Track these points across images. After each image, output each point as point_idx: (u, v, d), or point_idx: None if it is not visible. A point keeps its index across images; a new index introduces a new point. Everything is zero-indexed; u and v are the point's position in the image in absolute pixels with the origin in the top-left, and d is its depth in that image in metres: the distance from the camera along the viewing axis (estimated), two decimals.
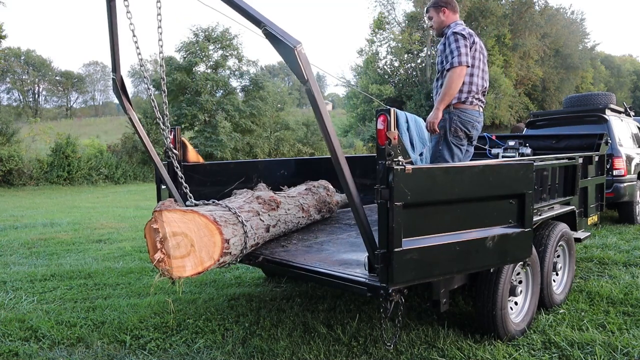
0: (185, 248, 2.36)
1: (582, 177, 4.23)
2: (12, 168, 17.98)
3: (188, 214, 2.37)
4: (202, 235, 2.36)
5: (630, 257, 5.10)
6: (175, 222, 2.36)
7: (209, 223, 2.37)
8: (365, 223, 2.20)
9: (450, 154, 3.60)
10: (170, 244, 2.35)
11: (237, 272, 4.82)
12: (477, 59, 3.61)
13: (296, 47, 1.98)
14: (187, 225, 2.36)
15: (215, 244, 2.37)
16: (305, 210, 3.60)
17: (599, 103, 7.94)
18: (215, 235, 2.37)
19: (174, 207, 2.41)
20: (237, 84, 27.00)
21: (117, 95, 3.05)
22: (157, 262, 2.35)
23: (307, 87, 2.04)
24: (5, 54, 39.87)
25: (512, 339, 3.03)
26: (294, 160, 4.88)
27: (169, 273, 2.37)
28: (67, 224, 8.16)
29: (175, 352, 2.99)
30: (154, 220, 2.38)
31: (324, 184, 4.09)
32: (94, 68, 69.84)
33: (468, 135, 3.65)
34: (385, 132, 2.14)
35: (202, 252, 2.37)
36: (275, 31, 2.02)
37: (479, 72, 3.65)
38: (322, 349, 2.94)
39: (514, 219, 2.63)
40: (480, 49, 3.65)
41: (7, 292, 4.25)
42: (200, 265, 2.37)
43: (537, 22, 33.85)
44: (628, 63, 56.81)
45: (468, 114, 3.59)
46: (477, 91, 3.64)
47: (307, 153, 26.31)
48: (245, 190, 3.28)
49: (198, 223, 2.37)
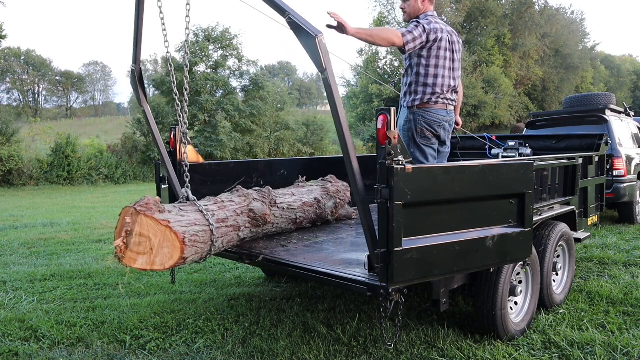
0: (144, 248, 2.50)
1: (582, 177, 4.23)
2: (12, 168, 17.97)
3: (161, 226, 2.47)
4: (164, 247, 2.47)
5: (630, 257, 5.10)
6: (146, 227, 2.48)
7: (177, 241, 2.47)
8: (370, 221, 2.21)
9: (423, 155, 3.53)
10: (133, 240, 2.50)
11: (237, 272, 4.83)
12: (443, 58, 3.46)
13: (317, 36, 2.07)
14: (156, 234, 2.47)
15: (172, 257, 2.48)
16: (297, 223, 3.52)
17: (599, 103, 7.94)
18: (176, 252, 2.48)
19: (154, 211, 2.49)
20: (237, 84, 27.00)
21: (134, 87, 3.16)
22: (115, 245, 2.51)
23: (324, 76, 2.12)
24: (5, 54, 39.90)
25: (512, 339, 3.04)
26: (294, 161, 4.88)
27: (120, 259, 2.52)
28: (67, 224, 8.16)
29: (175, 352, 2.99)
30: (130, 214, 2.51)
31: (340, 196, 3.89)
32: (94, 68, 69.88)
33: (436, 135, 3.54)
34: (385, 131, 2.14)
35: (157, 258, 2.49)
36: (298, 20, 2.12)
37: (445, 72, 3.50)
38: (322, 349, 2.94)
39: (514, 219, 2.63)
40: (448, 46, 3.49)
41: (7, 292, 4.25)
42: (149, 266, 2.51)
43: (537, 22, 33.84)
44: (628, 63, 56.81)
45: (433, 113, 3.49)
46: (443, 91, 3.51)
47: (307, 153, 26.29)
48: (245, 193, 3.17)
49: (166, 236, 2.47)
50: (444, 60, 3.46)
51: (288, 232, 3.52)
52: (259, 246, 3.16)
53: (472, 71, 29.59)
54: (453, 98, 3.59)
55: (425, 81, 3.46)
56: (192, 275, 4.71)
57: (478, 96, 28.14)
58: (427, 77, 3.45)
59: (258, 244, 3.24)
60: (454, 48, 3.54)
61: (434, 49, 3.41)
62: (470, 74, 29.15)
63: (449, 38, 3.50)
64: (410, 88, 3.55)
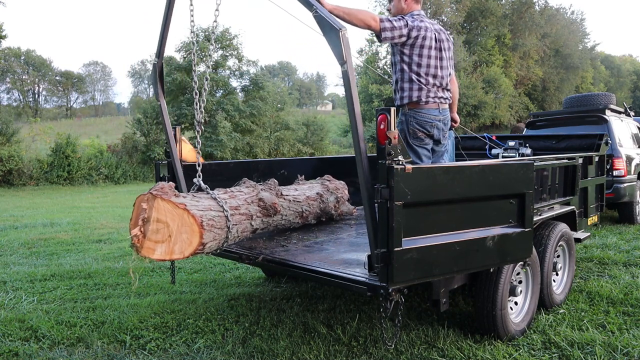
0: (162, 236, 2.43)
1: (582, 177, 4.23)
2: (12, 168, 17.97)
3: (179, 209, 2.41)
4: (183, 232, 2.42)
5: (630, 257, 5.10)
6: (164, 211, 2.42)
7: (195, 225, 2.42)
8: (375, 220, 2.21)
9: (416, 156, 3.50)
10: (151, 227, 2.43)
11: (237, 272, 4.83)
12: (427, 56, 3.40)
13: (341, 30, 2.19)
14: (173, 218, 2.41)
15: (191, 243, 2.42)
16: (303, 217, 3.56)
17: (599, 103, 7.94)
18: (195, 237, 2.42)
19: (170, 195, 2.45)
20: (237, 84, 27.03)
21: (153, 80, 3.32)
22: (133, 235, 2.44)
23: (344, 69, 2.19)
24: (5, 54, 39.88)
25: (512, 339, 3.04)
26: (294, 160, 4.88)
27: (138, 250, 2.45)
28: (67, 224, 8.16)
29: (175, 352, 2.99)
30: (146, 199, 2.45)
31: (339, 193, 3.96)
32: (94, 68, 69.95)
33: (429, 135, 3.51)
34: (385, 131, 2.14)
35: (176, 245, 2.42)
36: (324, 14, 2.27)
37: (431, 70, 3.44)
38: (322, 349, 2.94)
39: (514, 219, 2.63)
40: (434, 44, 3.44)
41: (7, 292, 4.25)
42: (168, 255, 2.44)
43: (537, 22, 33.83)
44: (628, 63, 56.78)
45: (424, 113, 3.45)
46: (430, 89, 3.45)
47: (307, 153, 26.31)
48: (253, 184, 3.21)
49: (184, 220, 2.41)
50: (427, 58, 3.40)
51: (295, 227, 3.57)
52: (259, 246, 3.16)
53: (472, 71, 29.58)
54: (445, 96, 3.54)
55: (410, 77, 3.43)
56: (192, 275, 4.71)
57: (478, 96, 28.14)
58: (411, 74, 3.42)
59: (258, 243, 3.24)
60: (441, 46, 3.49)
61: (417, 47, 3.38)
62: (470, 74, 29.14)
63: (436, 36, 3.46)
64: (397, 85, 3.54)
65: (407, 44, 3.37)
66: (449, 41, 3.60)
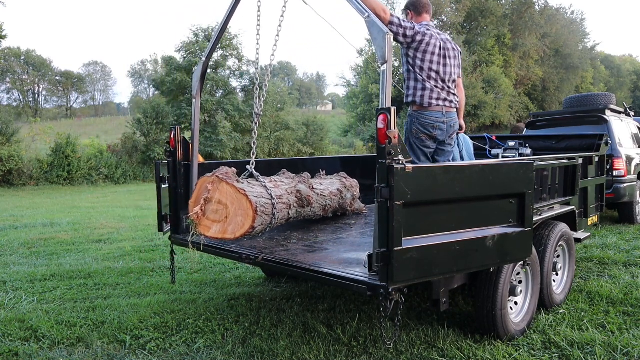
0: (220, 216, 2.68)
1: (582, 177, 4.23)
2: (12, 168, 17.95)
3: (240, 194, 2.65)
4: (238, 215, 2.65)
5: (630, 257, 5.10)
6: (226, 194, 2.67)
7: (250, 210, 2.65)
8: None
9: (415, 156, 3.59)
10: (211, 208, 2.69)
11: (237, 272, 4.83)
12: (429, 61, 3.50)
13: (388, 34, 2.41)
14: (233, 202, 2.65)
15: (243, 226, 2.66)
16: (325, 210, 3.74)
17: (599, 103, 7.94)
18: (248, 220, 2.66)
19: (233, 180, 2.68)
20: (237, 84, 27.01)
21: (196, 78, 3.51)
22: (193, 212, 2.70)
23: (384, 68, 2.36)
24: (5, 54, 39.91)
25: (512, 339, 3.03)
26: (293, 160, 4.88)
27: (195, 227, 2.71)
28: (67, 224, 8.16)
29: (175, 352, 2.99)
30: (211, 182, 2.68)
31: (354, 190, 4.15)
32: (94, 68, 69.90)
33: (431, 136, 3.59)
34: (385, 131, 2.14)
35: (230, 226, 2.67)
36: (374, 19, 2.51)
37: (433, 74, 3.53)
38: (322, 349, 2.94)
39: (514, 219, 2.63)
40: (439, 51, 3.53)
41: (7, 292, 4.25)
42: (221, 234, 2.69)
43: (537, 22, 33.82)
44: (628, 63, 56.78)
45: (427, 116, 3.56)
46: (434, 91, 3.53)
47: (307, 153, 26.28)
48: (291, 176, 3.44)
49: (242, 205, 2.65)
50: (430, 62, 3.52)
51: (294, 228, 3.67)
52: (259, 246, 3.16)
53: (472, 71, 29.57)
54: (451, 99, 3.64)
55: (415, 76, 3.56)
56: (192, 275, 4.71)
57: (478, 96, 28.13)
58: (416, 74, 3.55)
59: (258, 243, 3.24)
60: (447, 54, 3.61)
61: (420, 51, 3.49)
62: (470, 74, 29.13)
63: (442, 45, 3.58)
64: (405, 84, 3.68)
65: (412, 47, 3.50)
66: (456, 50, 3.73)
